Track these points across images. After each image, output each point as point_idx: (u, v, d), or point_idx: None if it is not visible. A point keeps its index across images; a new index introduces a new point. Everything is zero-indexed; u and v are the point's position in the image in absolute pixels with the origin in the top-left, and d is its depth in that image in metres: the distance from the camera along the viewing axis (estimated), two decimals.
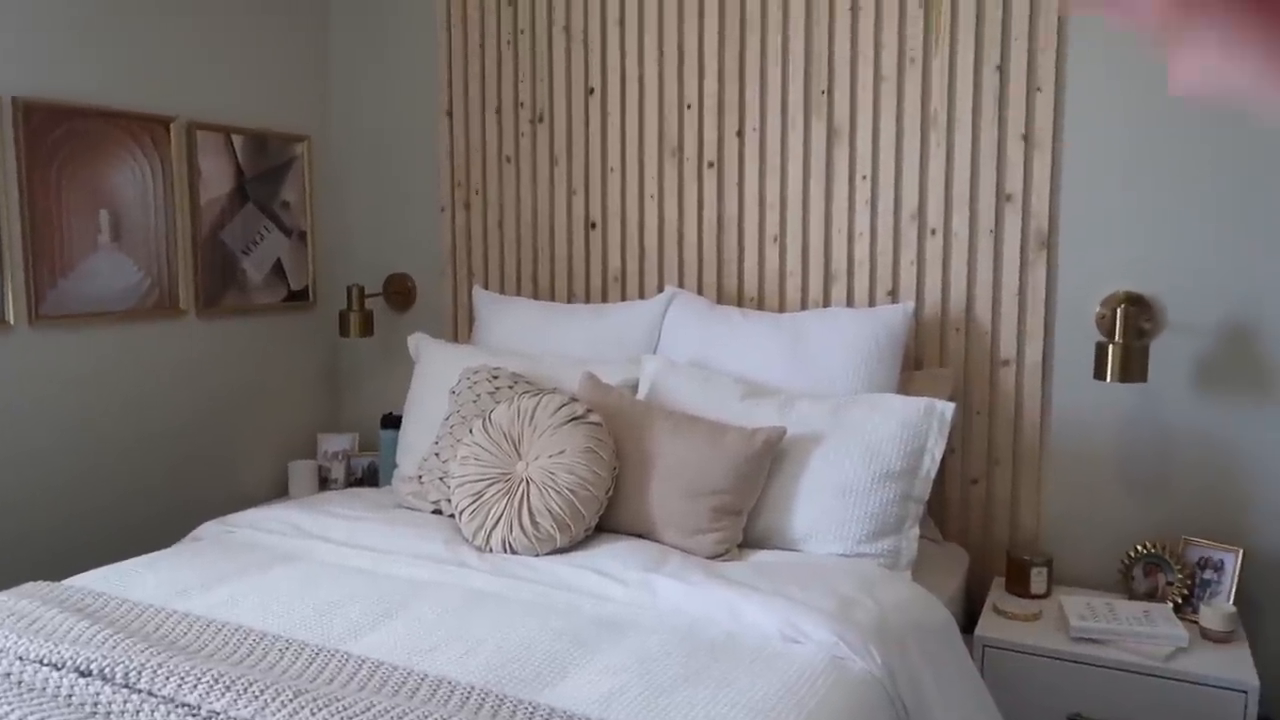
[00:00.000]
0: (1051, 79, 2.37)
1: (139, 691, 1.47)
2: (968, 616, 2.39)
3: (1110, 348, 2.21)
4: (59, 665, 1.54)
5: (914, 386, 2.42)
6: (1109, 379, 2.21)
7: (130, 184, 2.65)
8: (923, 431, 2.15)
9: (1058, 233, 2.41)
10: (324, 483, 3.11)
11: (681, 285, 2.81)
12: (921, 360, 2.56)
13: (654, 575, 1.93)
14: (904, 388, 2.39)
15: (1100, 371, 2.22)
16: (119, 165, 2.62)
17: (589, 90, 2.89)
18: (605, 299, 2.93)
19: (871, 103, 2.55)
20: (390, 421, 2.96)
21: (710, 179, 2.76)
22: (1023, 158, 2.41)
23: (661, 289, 2.83)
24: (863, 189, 2.58)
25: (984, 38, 2.43)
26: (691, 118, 2.76)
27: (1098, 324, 2.38)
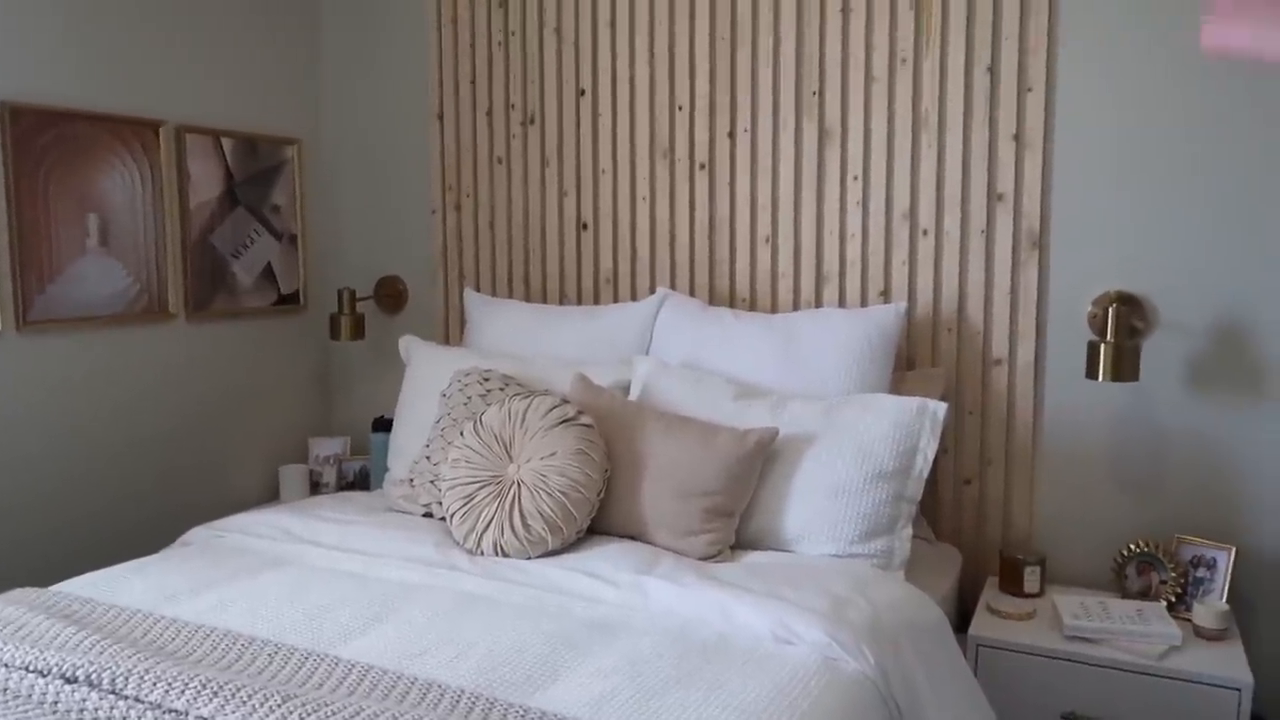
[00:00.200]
0: (1042, 79, 2.37)
1: (125, 697, 1.45)
2: (961, 616, 2.39)
3: (1102, 347, 2.21)
4: (44, 672, 1.53)
5: (906, 387, 2.41)
6: (1101, 378, 2.21)
7: (119, 188, 2.64)
8: (915, 431, 2.14)
9: (1049, 232, 2.41)
10: (315, 487, 3.09)
11: (673, 286, 2.80)
12: (914, 360, 2.56)
13: (646, 577, 1.92)
14: (896, 388, 2.39)
15: (1092, 371, 2.22)
16: (107, 169, 2.61)
17: (580, 92, 2.88)
18: (597, 300, 2.92)
19: (863, 104, 2.55)
20: (382, 425, 2.95)
21: (702, 180, 2.75)
22: (1014, 158, 2.41)
23: (653, 290, 2.82)
24: (854, 190, 2.58)
25: (975, 39, 2.43)
26: (683, 119, 2.76)
27: (1090, 323, 2.38)
